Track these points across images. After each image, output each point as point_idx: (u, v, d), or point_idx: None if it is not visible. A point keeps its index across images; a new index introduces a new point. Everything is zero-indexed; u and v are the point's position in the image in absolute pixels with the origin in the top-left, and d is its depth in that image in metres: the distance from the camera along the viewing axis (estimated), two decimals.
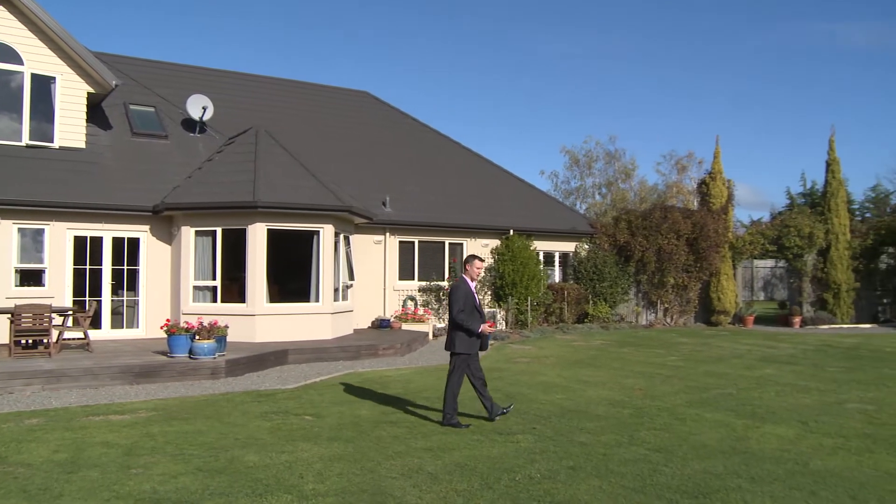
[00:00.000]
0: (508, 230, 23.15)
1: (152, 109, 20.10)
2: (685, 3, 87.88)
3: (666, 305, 26.03)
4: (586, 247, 25.40)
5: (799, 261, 26.41)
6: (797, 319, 25.74)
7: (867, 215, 44.37)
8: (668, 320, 26.07)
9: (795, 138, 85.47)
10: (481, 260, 9.47)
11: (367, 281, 20.44)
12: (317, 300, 17.17)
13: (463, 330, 9.06)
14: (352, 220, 18.88)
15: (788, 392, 11.83)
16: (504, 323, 22.17)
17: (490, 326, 9.38)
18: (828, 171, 27.18)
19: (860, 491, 6.43)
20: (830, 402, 10.94)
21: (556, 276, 25.38)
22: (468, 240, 22.81)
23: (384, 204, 21.24)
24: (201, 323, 13.42)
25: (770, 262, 40.69)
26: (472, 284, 9.28)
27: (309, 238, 17.27)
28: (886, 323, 26.73)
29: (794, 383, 12.79)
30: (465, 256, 9.27)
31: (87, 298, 16.34)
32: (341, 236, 18.12)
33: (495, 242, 23.19)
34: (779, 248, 26.66)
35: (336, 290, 17.67)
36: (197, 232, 16.70)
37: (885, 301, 27.76)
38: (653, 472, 6.96)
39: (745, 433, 8.74)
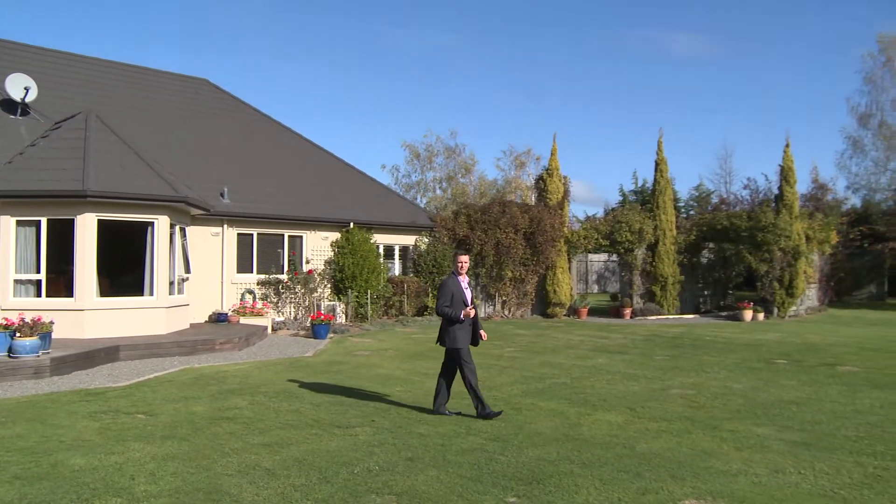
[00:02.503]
0: (349, 223, 23.11)
1: None
2: (525, 2, 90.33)
3: (504, 298, 26.70)
4: (426, 240, 25.69)
5: (630, 255, 27.63)
6: (628, 311, 26.96)
7: (691, 213, 47.04)
8: (506, 312, 26.76)
9: (629, 138, 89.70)
10: (464, 254, 9.67)
11: (204, 274, 19.90)
12: (151, 294, 16.57)
13: (449, 321, 9.21)
14: (188, 212, 18.34)
15: (618, 380, 12.45)
16: (344, 316, 22.13)
17: (472, 311, 9.33)
18: (656, 170, 28.44)
19: (679, 469, 6.89)
20: (656, 388, 11.60)
21: (397, 269, 25.55)
22: (308, 232, 22.61)
23: (222, 195, 20.73)
24: (23, 319, 12.65)
25: (603, 256, 42.46)
26: (461, 279, 9.43)
27: (143, 229, 16.62)
28: (707, 313, 28.39)
29: (623, 372, 13.46)
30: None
31: None
32: (177, 228, 17.55)
33: (335, 235, 23.10)
34: (611, 242, 27.80)
35: (171, 283, 17.12)
36: (18, 222, 15.68)
37: (706, 293, 29.55)
38: (489, 461, 7.17)
39: (578, 420, 9.14)
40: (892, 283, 39.39)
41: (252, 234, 21.42)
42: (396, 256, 25.64)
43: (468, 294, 9.42)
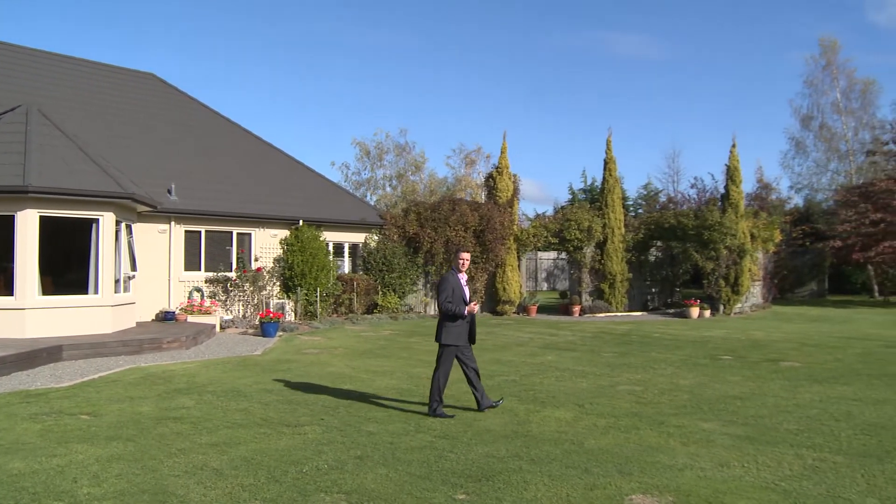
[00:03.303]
0: (298, 220, 22.95)
1: None
2: (474, 3, 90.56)
3: None
4: (376, 238, 25.62)
5: (579, 253, 27.84)
6: (577, 308, 27.16)
7: (640, 211, 47.62)
8: None
9: (579, 137, 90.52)
10: (466, 251, 9.71)
11: (151, 272, 19.60)
12: (96, 292, 16.26)
13: (450, 317, 9.20)
14: (134, 209, 18.03)
15: (567, 377, 12.55)
16: (293, 314, 21.98)
17: (474, 306, 9.42)
18: (605, 169, 28.66)
19: (626, 464, 6.97)
20: (604, 385, 11.71)
21: (346, 266, 25.45)
22: (257, 230, 22.40)
23: (169, 192, 20.42)
24: None
25: (553, 254, 42.81)
26: (461, 276, 9.46)
27: (87, 226, 16.29)
28: (655, 310, 28.79)
29: (572, 368, 13.58)
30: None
31: None
32: (123, 225, 17.25)
33: (285, 233, 22.92)
34: (561, 240, 27.98)
35: (117, 281, 16.82)
36: None
37: (653, 290, 29.95)
38: (438, 459, 7.18)
39: (527, 417, 9.19)
40: (832, 281, 40.37)
41: (200, 232, 21.15)
42: (346, 254, 25.53)
43: (467, 291, 9.47)
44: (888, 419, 9.03)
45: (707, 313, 26.19)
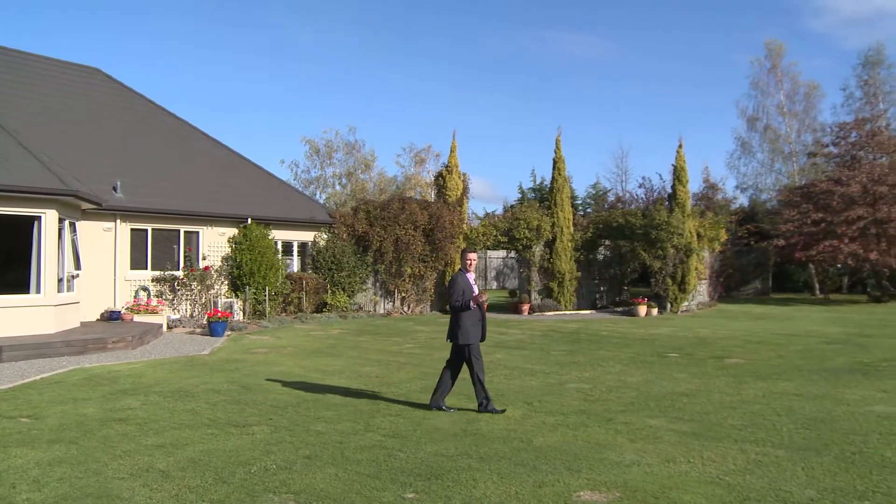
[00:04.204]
0: (247, 219, 22.72)
1: None
2: (424, 1, 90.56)
3: (403, 294, 26.71)
4: (325, 236, 25.47)
5: (528, 251, 27.99)
6: (526, 307, 27.31)
7: (588, 210, 48.04)
8: (406, 309, 26.78)
9: (529, 136, 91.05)
10: (472, 252, 9.83)
11: (96, 270, 19.24)
12: (38, 291, 15.89)
13: (462, 310, 9.29)
14: (78, 206, 17.67)
15: (517, 375, 12.62)
16: (242, 313, 21.75)
17: (484, 294, 9.58)
18: (554, 168, 28.88)
19: (575, 462, 7.02)
20: (553, 383, 11.80)
21: (295, 265, 25.27)
22: (205, 228, 22.12)
23: (115, 189, 20.04)
24: None
25: (502, 253, 42.99)
26: (469, 276, 9.57)
27: (29, 224, 15.91)
28: (603, 309, 29.06)
29: (521, 367, 13.65)
30: (465, 248, 9.47)
31: None
32: (66, 223, 16.90)
33: (233, 231, 22.66)
34: (510, 239, 28.11)
35: (60, 280, 16.46)
36: None
37: (602, 289, 30.23)
38: (388, 457, 7.16)
39: (476, 415, 9.21)
40: (775, 279, 41.18)
41: (146, 230, 20.82)
42: (295, 253, 25.35)
43: (475, 290, 9.55)
44: (827, 413, 9.25)
45: (654, 311, 26.52)
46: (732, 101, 74.01)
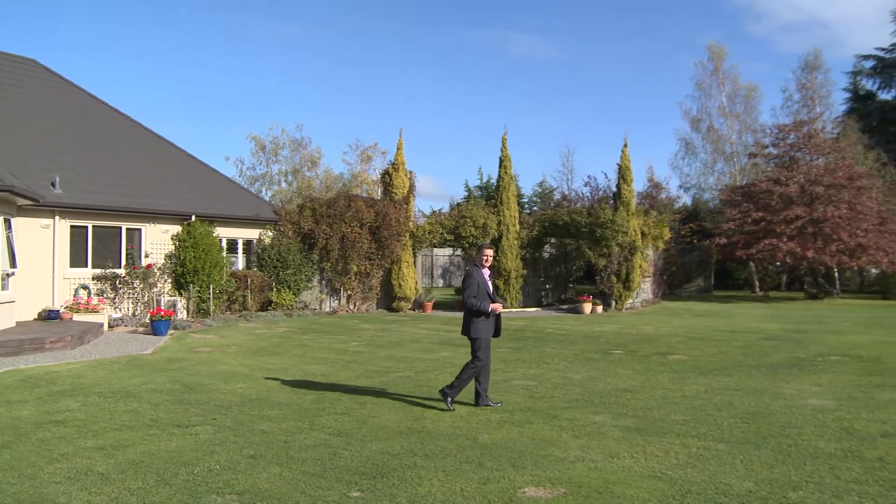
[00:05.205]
0: (190, 216, 22.38)
1: None
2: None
3: (349, 292, 26.58)
4: (270, 234, 25.24)
5: (474, 249, 27.92)
6: None
7: (535, 209, 48.32)
8: (352, 307, 26.66)
9: (476, 135, 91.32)
10: (489, 248, 9.88)
11: (33, 269, 18.79)
12: None
13: (475, 313, 9.40)
14: (14, 202, 17.23)
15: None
16: (185, 312, 21.43)
17: (499, 307, 9.60)
18: (501, 166, 28.93)
19: (520, 458, 7.06)
20: (499, 380, 11.80)
21: (240, 263, 25.00)
22: (148, 225, 21.74)
23: (53, 185, 19.60)
24: None
25: (448, 251, 43.00)
26: (485, 272, 9.61)
27: None
28: (549, 306, 29.22)
29: None
30: (483, 247, 9.38)
31: None
32: (1, 219, 16.46)
33: (176, 228, 22.31)
34: (456, 237, 28.11)
35: None
36: None
37: (548, 287, 30.42)
38: (333, 456, 7.13)
39: (422, 413, 9.22)
40: (717, 277, 41.93)
41: (87, 227, 20.39)
42: (240, 251, 25.08)
43: (490, 285, 9.62)
44: (765, 407, 9.45)
45: (599, 309, 26.78)
46: (676, 102, 75.27)
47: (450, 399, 9.45)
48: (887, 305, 30.02)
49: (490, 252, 9.85)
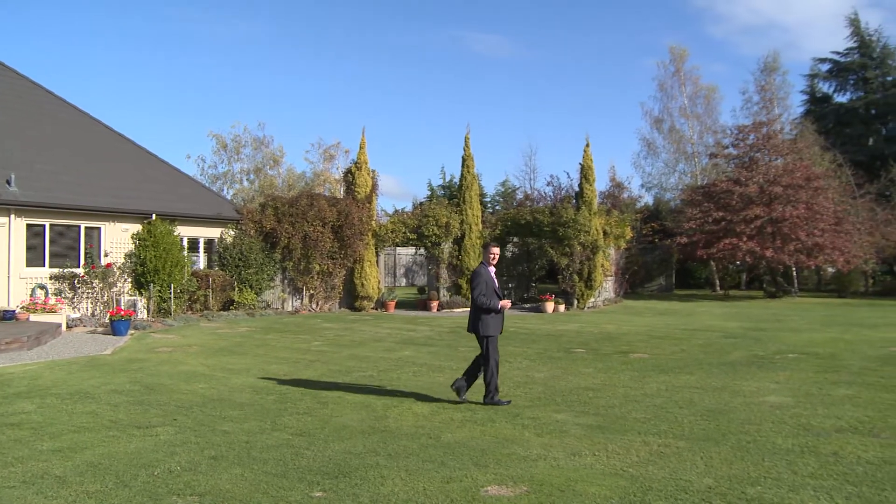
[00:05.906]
0: (151, 214, 22.14)
1: None
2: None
3: (311, 291, 26.46)
4: (232, 233, 25.06)
5: (437, 248, 28.07)
6: (435, 303, 27.37)
7: (497, 208, 48.46)
8: (314, 306, 26.54)
9: (438, 134, 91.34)
10: (496, 246, 10.01)
11: None
12: None
13: (484, 311, 9.56)
14: None
15: (425, 372, 12.64)
16: (146, 311, 21.19)
17: (508, 303, 9.84)
18: (463, 166, 29.01)
19: (482, 457, 7.08)
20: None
21: (202, 262, 24.78)
22: (107, 224, 21.47)
23: (9, 182, 19.26)
24: None
25: (411, 250, 43.01)
26: (491, 269, 9.75)
27: None
28: (512, 306, 29.24)
29: (430, 363, 13.68)
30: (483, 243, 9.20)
31: None
32: None
33: (137, 227, 22.05)
34: (419, 236, 28.13)
35: None
36: None
37: (511, 286, 30.54)
38: (295, 456, 7.09)
39: (385, 412, 9.20)
40: (678, 276, 42.38)
41: (44, 225, 20.07)
42: (201, 249, 24.86)
43: (496, 283, 9.76)
44: (725, 404, 9.57)
45: (562, 308, 26.92)
46: (638, 102, 75.94)
47: (496, 398, 9.61)
48: (843, 304, 30.56)
49: (496, 250, 9.97)
